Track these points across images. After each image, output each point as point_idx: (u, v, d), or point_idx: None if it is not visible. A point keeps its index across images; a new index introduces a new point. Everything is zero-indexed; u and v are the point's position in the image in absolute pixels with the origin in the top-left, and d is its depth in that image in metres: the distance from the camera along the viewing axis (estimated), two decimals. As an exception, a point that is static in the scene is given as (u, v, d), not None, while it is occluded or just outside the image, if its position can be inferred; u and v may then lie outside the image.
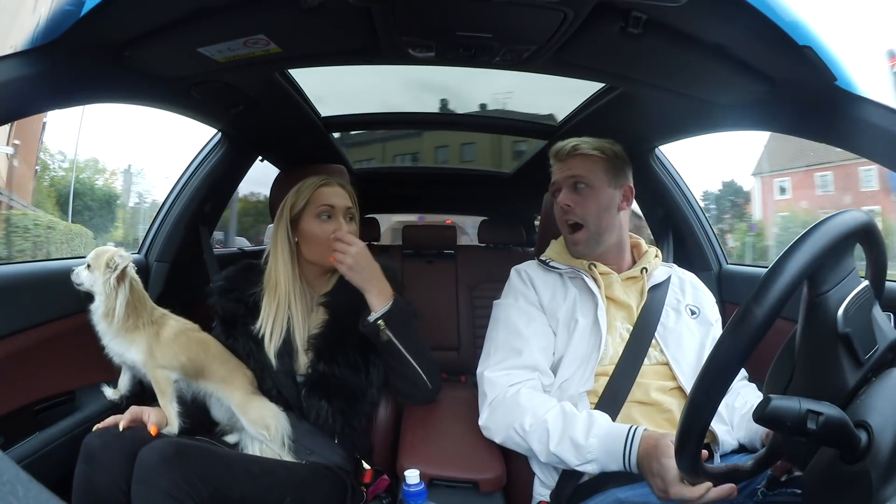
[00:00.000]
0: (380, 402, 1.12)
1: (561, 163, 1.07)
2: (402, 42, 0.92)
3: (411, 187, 2.62)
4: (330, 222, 1.04)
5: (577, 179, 1.03)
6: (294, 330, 1.04)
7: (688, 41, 0.82)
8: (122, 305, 0.89)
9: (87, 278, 0.90)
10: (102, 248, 0.92)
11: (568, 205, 1.02)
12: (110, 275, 0.88)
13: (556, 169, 1.08)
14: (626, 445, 0.80)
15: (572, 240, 1.04)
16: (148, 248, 1.38)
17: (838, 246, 0.51)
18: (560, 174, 1.06)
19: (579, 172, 1.04)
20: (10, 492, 0.24)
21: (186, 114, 1.19)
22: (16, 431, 0.95)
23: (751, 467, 0.60)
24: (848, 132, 0.80)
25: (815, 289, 0.52)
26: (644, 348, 0.95)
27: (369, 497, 1.00)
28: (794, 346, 0.56)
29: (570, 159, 1.05)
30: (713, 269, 1.49)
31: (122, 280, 0.89)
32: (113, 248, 0.92)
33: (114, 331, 0.90)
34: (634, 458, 0.78)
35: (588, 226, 1.02)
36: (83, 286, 0.91)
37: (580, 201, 1.02)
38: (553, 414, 0.87)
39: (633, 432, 0.80)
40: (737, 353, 0.49)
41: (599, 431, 0.83)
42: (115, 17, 0.72)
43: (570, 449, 0.83)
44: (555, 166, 1.09)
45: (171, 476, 0.73)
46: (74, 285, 0.91)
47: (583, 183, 1.03)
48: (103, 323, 0.90)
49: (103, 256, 0.90)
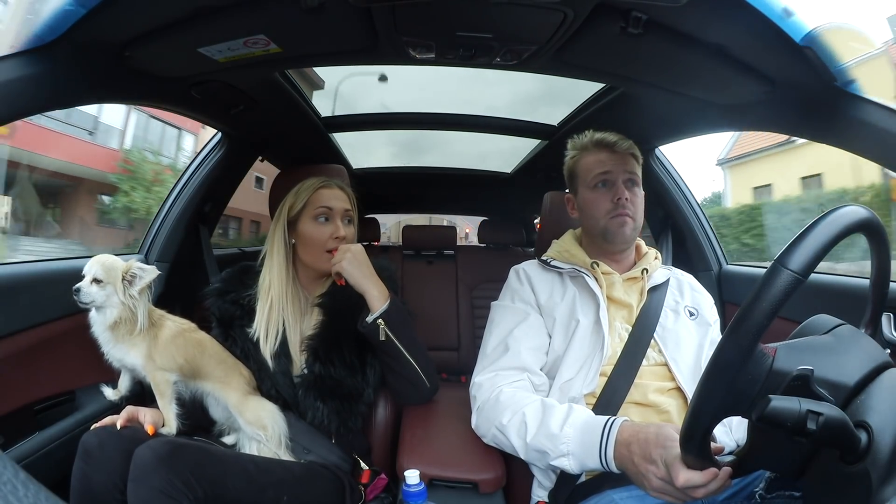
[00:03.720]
0: (378, 402, 1.12)
1: (615, 155, 1.04)
2: (402, 42, 0.92)
3: (411, 187, 2.62)
4: (328, 224, 1.04)
5: (634, 178, 1.04)
6: (289, 331, 1.04)
7: (688, 41, 0.82)
8: (145, 316, 0.88)
9: (98, 294, 0.85)
10: (106, 258, 0.88)
11: (628, 198, 1.01)
12: (130, 288, 0.86)
13: (604, 159, 1.04)
14: (603, 436, 0.76)
15: (621, 221, 1.01)
16: (148, 248, 1.38)
17: (838, 241, 0.51)
18: (616, 166, 1.03)
19: (635, 171, 1.04)
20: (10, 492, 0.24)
21: (186, 114, 1.19)
22: (16, 431, 0.95)
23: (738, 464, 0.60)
24: (848, 132, 0.80)
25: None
26: (643, 349, 0.95)
27: (368, 497, 1.00)
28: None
29: (626, 156, 1.04)
30: (713, 270, 1.49)
31: (143, 292, 0.88)
32: (118, 260, 0.88)
33: (118, 338, 0.89)
34: (612, 450, 0.74)
35: (636, 219, 1.03)
36: (94, 303, 0.86)
37: (633, 199, 1.03)
38: (532, 407, 0.86)
39: (612, 423, 0.77)
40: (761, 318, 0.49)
41: (576, 421, 0.81)
42: (116, 17, 0.73)
43: (545, 440, 0.81)
44: (601, 156, 1.05)
45: (167, 475, 0.73)
46: (80, 304, 0.85)
47: (637, 183, 1.04)
48: (107, 333, 0.88)
49: (116, 270, 0.87)
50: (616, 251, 1.05)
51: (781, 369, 0.51)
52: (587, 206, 1.05)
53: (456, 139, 2.01)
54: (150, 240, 1.39)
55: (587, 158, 1.06)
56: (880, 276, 0.62)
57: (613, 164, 1.03)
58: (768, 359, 0.52)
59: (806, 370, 0.50)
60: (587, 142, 1.07)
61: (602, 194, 1.03)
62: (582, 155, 1.07)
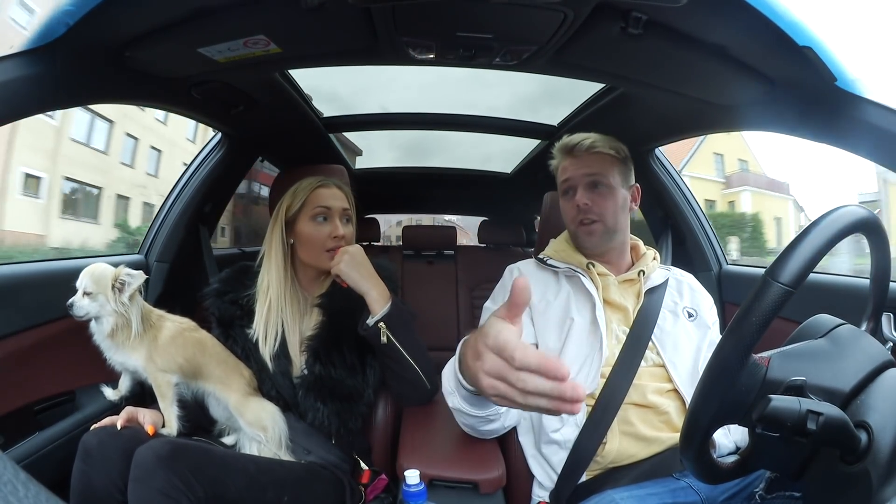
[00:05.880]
0: (378, 403, 1.11)
1: (575, 159, 1.03)
2: (402, 42, 0.92)
3: (411, 187, 2.63)
4: (326, 224, 1.04)
5: (596, 178, 1.01)
6: (288, 332, 1.04)
7: (688, 42, 0.82)
8: (139, 321, 0.88)
9: (91, 307, 0.86)
10: (95, 269, 0.87)
11: (586, 203, 0.99)
12: (120, 295, 0.86)
13: (567, 165, 1.04)
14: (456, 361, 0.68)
15: (587, 230, 1.01)
16: (148, 248, 1.38)
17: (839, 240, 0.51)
18: (575, 171, 1.02)
19: (597, 171, 1.01)
20: (10, 492, 0.24)
21: (187, 114, 1.19)
22: (16, 431, 0.95)
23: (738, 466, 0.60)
24: (848, 133, 0.80)
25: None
26: (641, 351, 0.94)
27: (369, 497, 1.00)
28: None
29: (586, 156, 1.02)
30: (713, 270, 1.49)
31: (133, 297, 0.88)
32: (108, 267, 0.88)
33: (119, 344, 0.89)
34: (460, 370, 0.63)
35: (605, 222, 1.00)
36: (89, 316, 0.86)
37: (598, 201, 1.00)
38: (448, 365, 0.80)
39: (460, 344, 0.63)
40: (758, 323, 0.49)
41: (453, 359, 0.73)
42: (116, 18, 0.72)
43: (445, 388, 0.78)
44: (565, 162, 1.05)
45: (167, 475, 0.73)
46: (76, 318, 0.86)
47: (601, 183, 1.01)
48: (107, 341, 0.89)
49: (106, 279, 0.86)
50: (599, 254, 1.04)
51: (775, 379, 0.52)
52: (562, 213, 1.07)
53: (458, 143, 2.02)
54: (150, 240, 1.39)
55: (559, 166, 1.07)
56: (880, 274, 0.62)
57: (574, 169, 1.03)
58: (762, 369, 0.52)
59: (798, 381, 0.51)
60: (559, 147, 1.07)
61: (568, 201, 1.04)
62: (556, 162, 1.08)
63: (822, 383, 0.52)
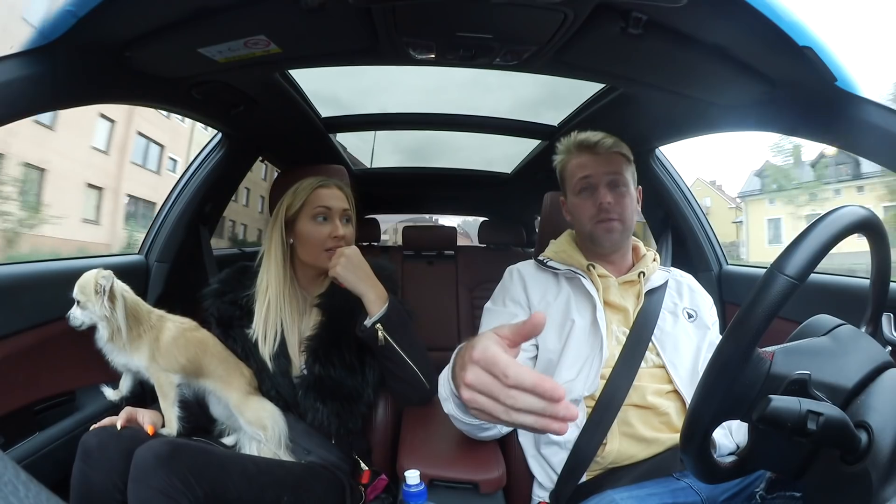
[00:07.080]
0: (378, 403, 1.11)
1: (597, 157, 1.01)
2: (402, 42, 0.92)
3: (411, 188, 2.63)
4: (326, 224, 1.04)
5: (617, 178, 1.00)
6: (288, 332, 1.03)
7: (688, 42, 0.82)
8: (124, 321, 0.88)
9: (84, 315, 0.88)
10: (82, 278, 0.89)
11: (610, 202, 0.98)
12: (102, 299, 0.87)
13: (585, 162, 1.02)
14: (449, 370, 0.66)
15: (607, 227, 0.99)
16: (148, 248, 1.38)
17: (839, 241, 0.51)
18: (597, 168, 1.00)
19: (618, 170, 1.00)
20: (10, 492, 0.24)
21: (187, 114, 1.19)
22: (16, 431, 0.95)
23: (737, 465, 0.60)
24: (848, 133, 0.80)
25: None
26: (641, 352, 0.94)
27: (369, 497, 1.00)
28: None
29: (608, 155, 1.01)
30: (713, 270, 1.49)
31: (114, 299, 0.88)
32: (92, 273, 0.89)
33: (119, 347, 0.90)
34: (452, 380, 0.61)
35: (624, 221, 1.00)
36: (85, 324, 0.88)
37: (619, 200, 0.99)
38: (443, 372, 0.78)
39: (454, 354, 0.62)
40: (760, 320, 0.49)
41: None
42: (116, 18, 0.73)
43: (443, 385, 0.76)
44: (581, 159, 1.03)
45: (167, 475, 0.73)
46: (76, 329, 0.88)
47: (621, 182, 1.00)
48: (109, 345, 0.89)
49: (89, 286, 0.88)
50: (607, 254, 1.04)
51: (779, 373, 0.52)
52: (574, 211, 1.05)
53: (461, 145, 2.01)
54: (150, 240, 1.39)
55: (571, 162, 1.05)
56: (880, 275, 0.62)
57: (595, 166, 1.01)
58: (766, 363, 0.52)
59: (803, 375, 0.51)
60: (570, 144, 1.05)
61: (585, 199, 1.02)
62: (567, 158, 1.06)
63: (825, 379, 0.52)
